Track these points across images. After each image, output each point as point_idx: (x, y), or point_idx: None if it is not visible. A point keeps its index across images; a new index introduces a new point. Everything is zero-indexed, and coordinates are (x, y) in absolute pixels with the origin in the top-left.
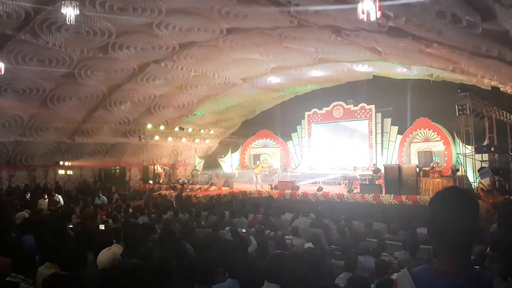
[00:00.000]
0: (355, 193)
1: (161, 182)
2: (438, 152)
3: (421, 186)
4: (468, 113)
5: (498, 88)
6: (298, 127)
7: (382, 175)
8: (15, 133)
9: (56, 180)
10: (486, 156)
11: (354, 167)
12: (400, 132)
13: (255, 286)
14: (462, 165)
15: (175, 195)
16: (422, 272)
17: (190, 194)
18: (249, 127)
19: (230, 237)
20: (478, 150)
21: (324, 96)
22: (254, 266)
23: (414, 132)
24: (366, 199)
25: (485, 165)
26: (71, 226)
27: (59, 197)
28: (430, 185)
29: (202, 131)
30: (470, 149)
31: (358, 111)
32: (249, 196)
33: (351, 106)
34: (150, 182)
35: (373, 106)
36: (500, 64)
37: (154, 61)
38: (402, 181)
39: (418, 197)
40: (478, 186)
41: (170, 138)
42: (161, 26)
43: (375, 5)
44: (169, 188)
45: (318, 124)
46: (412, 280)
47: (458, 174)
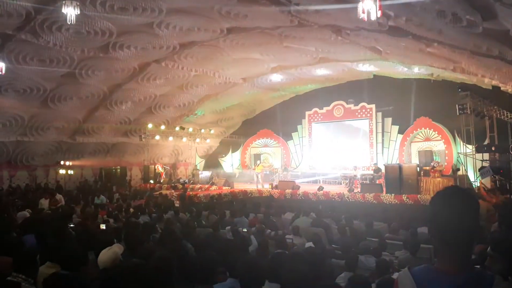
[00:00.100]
0: (356, 192)
1: (162, 181)
2: (439, 151)
3: (421, 185)
4: (468, 112)
5: (499, 87)
6: (299, 127)
7: (382, 175)
8: (16, 133)
9: (57, 179)
10: (486, 155)
11: (355, 167)
12: (400, 131)
13: (256, 285)
14: (462, 164)
15: (178, 195)
16: (423, 271)
17: (191, 193)
18: (249, 127)
19: (230, 236)
20: (478, 150)
21: (324, 95)
22: (254, 265)
23: (414, 131)
24: (367, 199)
25: (485, 164)
26: (72, 226)
27: (60, 196)
28: (430, 184)
29: (202, 131)
30: (470, 148)
31: (359, 111)
32: (249, 195)
33: (352, 106)
34: (151, 181)
35: (373, 106)
36: (500, 63)
37: (155, 60)
38: (402, 180)
39: (419, 196)
40: (480, 185)
41: (170, 138)
42: (161, 25)
43: (376, 4)
44: (170, 187)
45: (319, 123)
46: (412, 279)
47: (459, 173)
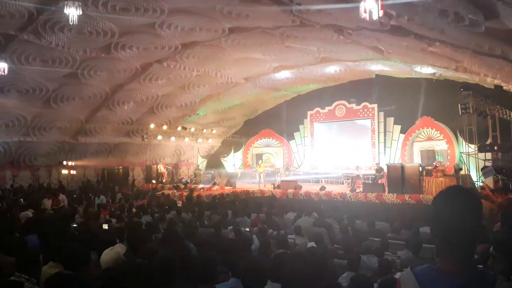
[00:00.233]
0: (358, 192)
1: (164, 181)
2: (441, 151)
3: (424, 185)
4: (471, 111)
5: (501, 86)
6: (301, 126)
7: (385, 174)
8: (19, 133)
9: (59, 180)
10: (489, 155)
11: (357, 166)
12: (403, 131)
13: (258, 285)
14: (465, 164)
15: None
16: (425, 271)
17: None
18: (251, 127)
19: (233, 236)
20: (481, 149)
21: (326, 95)
22: (257, 265)
23: (417, 131)
24: (369, 198)
25: (488, 164)
26: (75, 226)
27: (63, 197)
28: (433, 184)
29: (204, 131)
30: (473, 148)
31: (361, 110)
32: (252, 195)
33: (354, 105)
34: (153, 181)
35: (375, 105)
36: (503, 62)
37: (157, 61)
38: (405, 180)
39: (421, 196)
40: (484, 185)
41: (173, 138)
42: (163, 26)
43: (377, 4)
44: (172, 187)
45: (321, 123)
46: (415, 279)
47: (461, 173)
